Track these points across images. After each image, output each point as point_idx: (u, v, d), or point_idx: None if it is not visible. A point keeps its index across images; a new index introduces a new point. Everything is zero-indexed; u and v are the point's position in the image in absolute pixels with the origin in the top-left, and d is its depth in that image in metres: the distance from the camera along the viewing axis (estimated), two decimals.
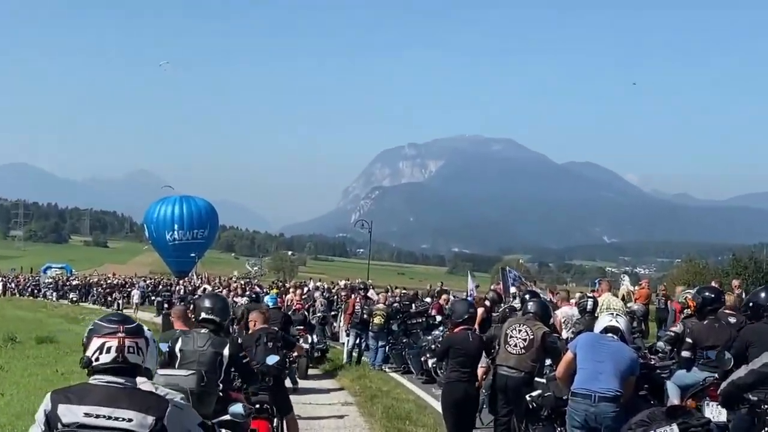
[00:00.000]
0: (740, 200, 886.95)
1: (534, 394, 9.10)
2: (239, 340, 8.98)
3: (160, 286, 53.01)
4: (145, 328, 4.70)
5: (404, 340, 20.13)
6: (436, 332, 18.48)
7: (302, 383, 17.18)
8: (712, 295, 10.37)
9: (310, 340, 20.01)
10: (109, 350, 4.24)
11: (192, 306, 11.77)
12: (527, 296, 13.99)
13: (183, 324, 9.63)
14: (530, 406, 9.09)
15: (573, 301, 19.34)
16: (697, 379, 9.56)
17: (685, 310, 12.54)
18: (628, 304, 20.25)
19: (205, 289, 38.83)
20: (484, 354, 10.66)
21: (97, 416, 4.03)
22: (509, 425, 9.78)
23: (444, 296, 27.65)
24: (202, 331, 7.64)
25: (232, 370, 7.71)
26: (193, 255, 59.07)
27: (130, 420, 4.04)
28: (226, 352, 7.43)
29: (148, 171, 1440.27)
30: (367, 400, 15.06)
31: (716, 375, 8.86)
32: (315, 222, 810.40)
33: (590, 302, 14.91)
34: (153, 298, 48.97)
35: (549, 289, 26.48)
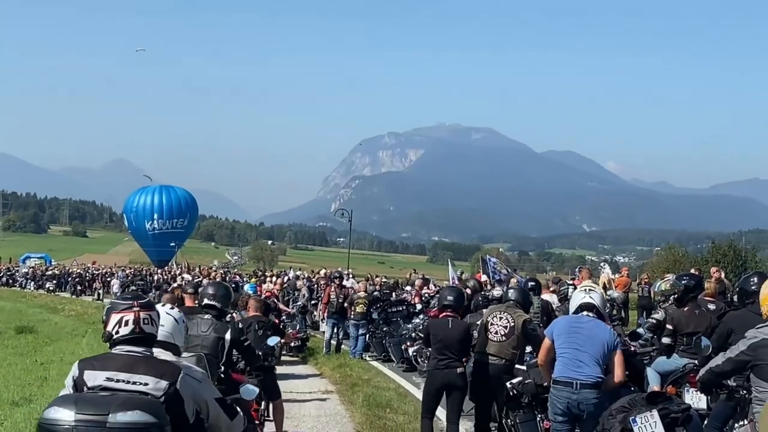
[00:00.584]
0: (719, 189, 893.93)
1: (515, 381, 9.09)
2: (240, 325, 9.96)
3: (139, 276, 52.80)
4: (169, 306, 5.78)
5: (384, 329, 20.11)
6: (417, 320, 18.47)
7: (282, 371, 17.13)
8: (693, 282, 10.44)
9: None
10: (126, 323, 4.80)
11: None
12: (504, 286, 14.06)
13: None
14: (511, 394, 9.06)
15: (552, 288, 19.41)
16: (677, 365, 9.62)
17: (671, 297, 12.56)
18: (608, 292, 20.32)
19: (183, 277, 38.75)
20: None
21: (117, 380, 4.52)
22: (490, 412, 9.78)
23: (418, 282, 27.72)
24: (206, 316, 8.11)
25: (234, 352, 8.19)
26: (173, 245, 58.97)
27: (146, 384, 4.53)
28: (227, 336, 7.91)
29: (127, 160, 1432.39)
30: (347, 388, 15.06)
31: (696, 362, 8.90)
32: (295, 211, 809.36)
33: (570, 289, 14.94)
34: (132, 288, 48.76)
35: (530, 278, 26.53)
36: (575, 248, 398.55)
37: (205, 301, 8.45)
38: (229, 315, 12.95)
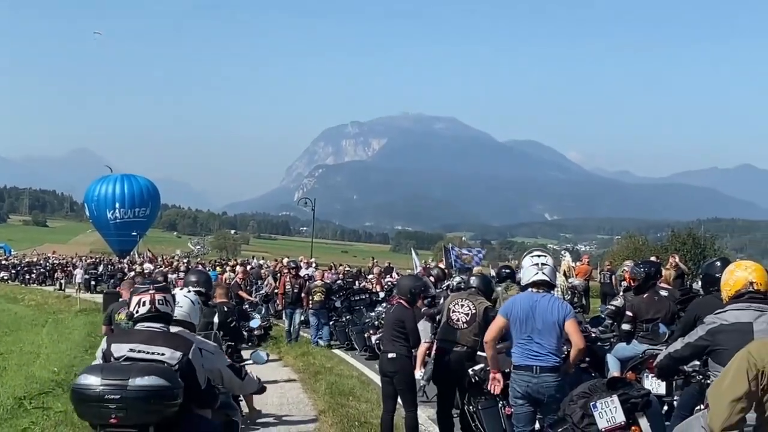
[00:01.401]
0: (679, 178, 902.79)
1: (477, 368, 9.13)
2: (225, 309, 11.07)
3: (101, 266, 52.56)
4: (186, 290, 7.06)
5: (347, 317, 20.16)
6: (379, 308, 18.51)
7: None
8: (652, 269, 10.56)
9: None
10: (144, 303, 5.97)
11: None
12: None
13: (129, 295, 10.69)
14: (473, 380, 9.10)
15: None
16: (637, 351, 9.71)
17: (623, 283, 12.70)
18: (569, 279, 20.49)
19: (144, 267, 38.55)
20: (427, 330, 10.71)
21: (138, 351, 5.57)
22: (452, 399, 9.82)
23: (376, 270, 27.75)
24: None
25: (221, 333, 9.18)
26: (135, 234, 58.45)
27: (162, 354, 5.59)
28: (215, 320, 9.25)
29: (88, 150, 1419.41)
30: (310, 376, 15.04)
31: (656, 347, 8.98)
32: (258, 200, 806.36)
33: (504, 272, 15.03)
34: (90, 278, 48.39)
35: (492, 266, 26.67)
36: (537, 237, 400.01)
37: (190, 288, 8.67)
38: None
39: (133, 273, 31.79)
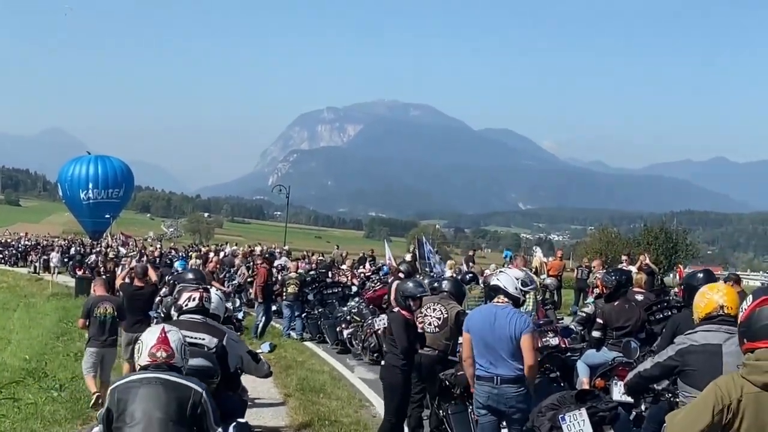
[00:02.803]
0: (653, 170, 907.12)
1: (447, 372, 9.14)
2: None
3: (72, 249, 52.24)
4: (215, 289, 8.24)
5: (320, 310, 20.11)
6: (352, 303, 18.53)
7: None
8: (623, 278, 10.67)
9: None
10: (194, 299, 7.41)
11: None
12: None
13: (103, 291, 12.93)
14: (443, 384, 9.12)
15: (487, 272, 19.57)
16: (606, 358, 9.77)
17: (595, 290, 12.77)
18: (541, 277, 20.52)
19: (119, 250, 38.33)
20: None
21: (185, 337, 5.89)
22: (422, 402, 9.82)
23: (348, 262, 27.66)
24: None
25: None
26: (108, 216, 58.08)
27: (203, 339, 6.92)
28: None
29: (62, 129, 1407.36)
30: (281, 371, 14.99)
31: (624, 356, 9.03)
32: (232, 184, 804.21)
33: (468, 276, 15.10)
34: (67, 261, 48.12)
35: (465, 259, 26.60)
36: (510, 226, 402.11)
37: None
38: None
39: (106, 259, 31.57)
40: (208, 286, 8.40)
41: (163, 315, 12.75)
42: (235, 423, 6.71)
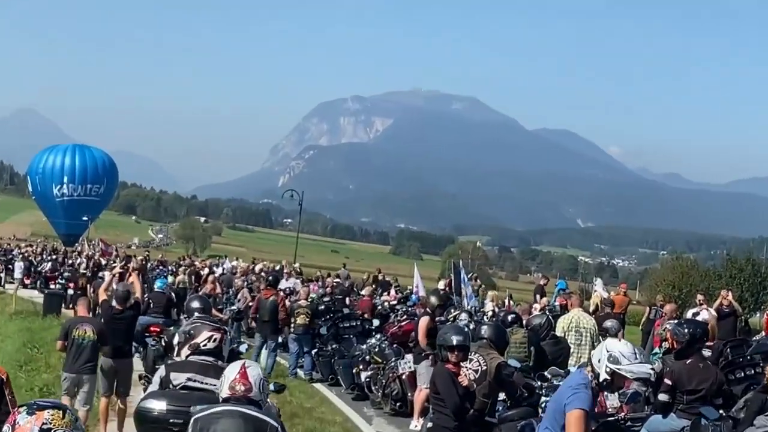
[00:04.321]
0: (740, 185, 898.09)
1: None
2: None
3: (42, 258, 51.71)
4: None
5: (333, 346, 20.06)
6: (372, 341, 18.48)
7: None
8: (698, 331, 10.50)
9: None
10: (214, 340, 7.76)
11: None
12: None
13: (86, 312, 14.01)
14: None
15: (536, 306, 19.54)
16: (674, 427, 9.71)
17: (664, 343, 12.67)
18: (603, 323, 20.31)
19: (95, 261, 38.47)
20: (429, 374, 10.71)
21: (195, 381, 7.27)
22: None
23: (366, 289, 27.27)
24: None
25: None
26: (85, 218, 58.13)
27: (214, 385, 6.91)
28: None
29: (36, 111, 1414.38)
30: (286, 419, 14.81)
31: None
32: (235, 184, 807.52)
33: (510, 318, 15.01)
34: (33, 272, 47.76)
35: (536, 290, 26.38)
36: (566, 246, 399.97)
37: (195, 314, 10.70)
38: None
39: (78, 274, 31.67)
40: (225, 327, 8.85)
41: (163, 345, 13.21)
42: None
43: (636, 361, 6.90)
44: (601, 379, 6.93)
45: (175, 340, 8.70)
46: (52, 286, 37.38)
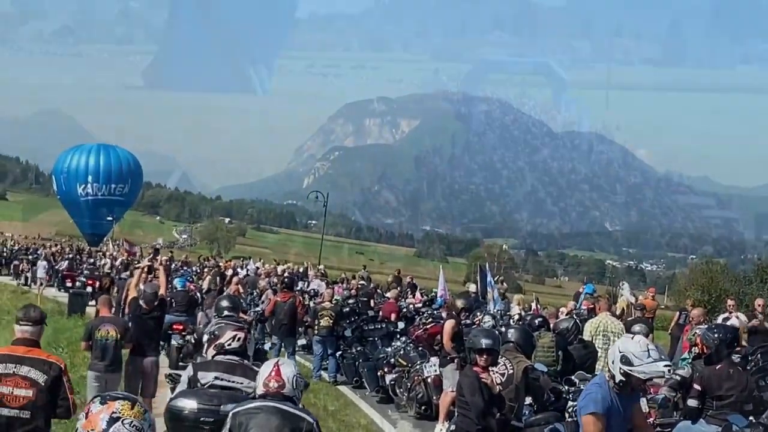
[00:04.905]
0: None
1: None
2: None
3: (63, 258, 51.88)
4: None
5: (358, 348, 20.05)
6: (397, 343, 18.46)
7: None
8: (728, 336, 10.40)
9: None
10: (238, 340, 8.14)
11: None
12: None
13: (108, 311, 14.18)
14: None
15: (563, 310, 19.50)
16: None
17: (693, 349, 12.58)
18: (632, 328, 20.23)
19: (116, 266, 38.64)
20: (455, 378, 10.71)
21: (222, 379, 7.65)
22: None
23: (392, 292, 27.03)
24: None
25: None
26: (110, 219, 58.31)
27: (241, 383, 7.62)
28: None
29: (61, 111, 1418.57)
30: None
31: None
32: (259, 185, 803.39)
33: (537, 321, 14.94)
34: (52, 271, 47.96)
35: (576, 295, 26.26)
36: (594, 250, 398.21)
37: (225, 313, 11.86)
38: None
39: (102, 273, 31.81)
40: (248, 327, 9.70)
41: (193, 343, 14.24)
42: None
43: (648, 360, 6.95)
44: (617, 380, 6.95)
45: (205, 338, 8.90)
46: (68, 284, 37.52)
